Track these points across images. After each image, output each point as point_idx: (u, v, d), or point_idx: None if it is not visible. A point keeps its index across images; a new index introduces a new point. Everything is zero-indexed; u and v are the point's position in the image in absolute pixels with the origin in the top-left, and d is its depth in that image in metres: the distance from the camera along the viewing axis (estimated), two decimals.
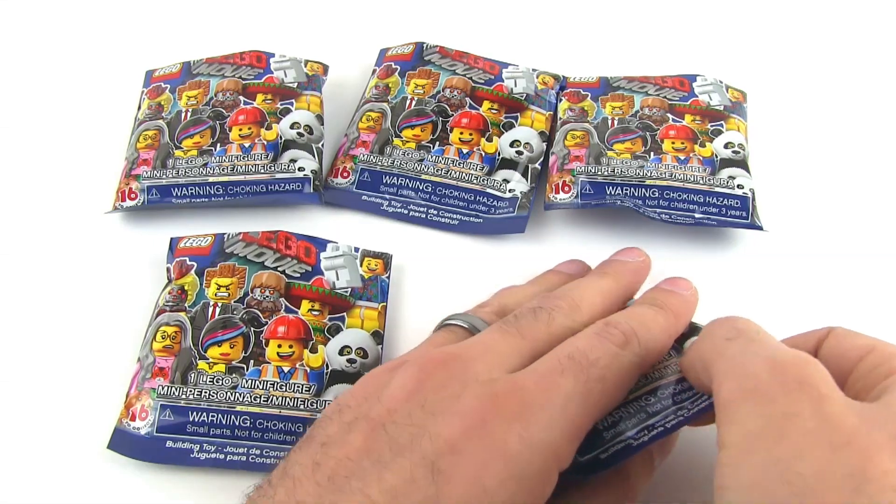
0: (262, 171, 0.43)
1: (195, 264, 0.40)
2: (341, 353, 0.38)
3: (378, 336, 0.39)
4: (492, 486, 0.25)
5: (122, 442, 0.35)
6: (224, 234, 0.41)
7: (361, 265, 0.41)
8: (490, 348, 0.30)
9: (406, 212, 0.44)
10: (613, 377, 0.29)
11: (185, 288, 0.39)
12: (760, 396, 0.24)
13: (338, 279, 0.40)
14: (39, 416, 0.37)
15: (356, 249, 0.41)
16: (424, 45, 0.50)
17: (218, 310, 0.38)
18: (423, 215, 0.44)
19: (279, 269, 0.40)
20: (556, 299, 0.33)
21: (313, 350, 0.38)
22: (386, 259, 0.42)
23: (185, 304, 0.39)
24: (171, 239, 0.41)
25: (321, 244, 0.41)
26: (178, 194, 0.43)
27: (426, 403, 0.27)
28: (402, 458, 0.26)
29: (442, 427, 0.26)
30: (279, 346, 0.37)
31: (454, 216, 0.44)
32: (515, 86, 0.48)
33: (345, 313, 0.39)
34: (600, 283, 0.35)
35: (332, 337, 0.38)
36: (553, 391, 0.27)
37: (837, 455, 0.22)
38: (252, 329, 0.38)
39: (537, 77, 0.49)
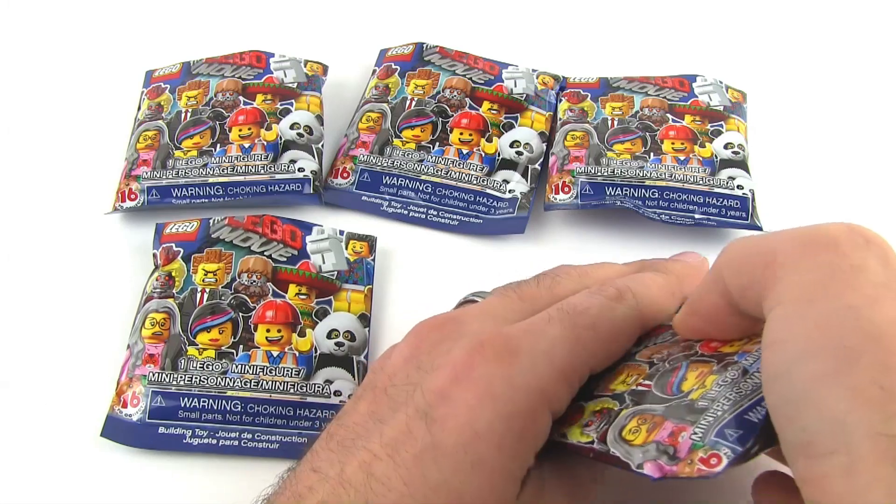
0: (262, 171, 0.44)
1: (182, 250, 0.40)
2: (329, 336, 0.38)
3: (365, 319, 0.39)
4: (482, 428, 0.26)
5: (115, 429, 0.36)
6: (209, 218, 0.41)
7: (346, 248, 0.41)
8: (486, 310, 0.31)
9: (406, 212, 0.44)
10: (605, 326, 0.29)
11: (173, 274, 0.39)
12: (825, 248, 0.22)
13: (324, 262, 0.40)
14: (32, 406, 0.37)
15: (341, 232, 0.42)
16: (424, 46, 0.50)
17: (206, 295, 0.39)
18: (423, 216, 0.44)
19: (266, 253, 0.40)
20: (566, 268, 0.33)
21: (301, 334, 0.38)
22: (371, 241, 0.42)
23: (173, 291, 0.39)
24: (157, 224, 0.41)
25: (306, 227, 0.42)
26: (178, 195, 0.43)
27: (421, 364, 0.28)
28: (399, 413, 0.27)
29: (433, 380, 0.27)
30: (268, 330, 0.38)
31: (454, 217, 0.44)
32: (515, 86, 0.48)
33: (332, 297, 0.40)
34: (622, 268, 0.35)
35: (320, 320, 0.39)
36: (538, 337, 0.28)
37: None
38: (240, 314, 0.38)
39: (537, 77, 0.49)
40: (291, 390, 0.37)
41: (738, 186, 0.43)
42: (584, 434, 0.27)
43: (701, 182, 0.43)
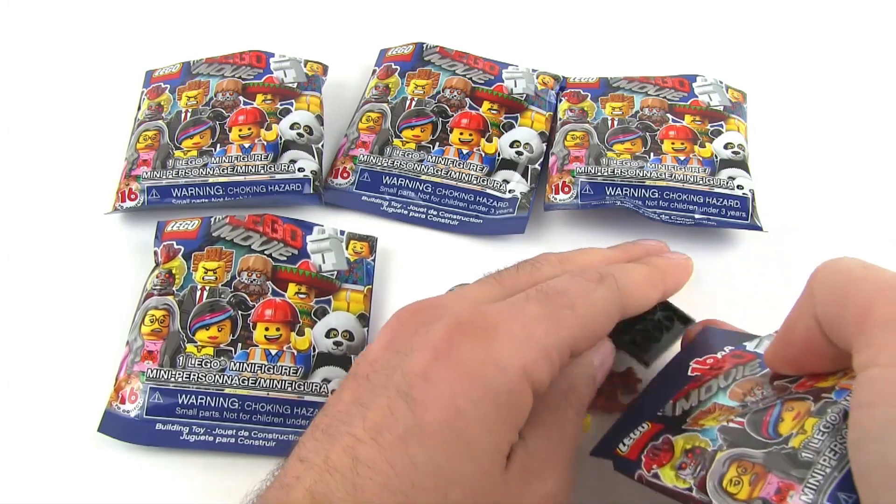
0: (262, 171, 0.44)
1: (182, 248, 0.40)
2: (328, 335, 0.38)
3: (364, 319, 0.39)
4: (466, 406, 0.26)
5: (113, 425, 0.36)
6: (210, 217, 0.41)
7: (347, 248, 0.41)
8: (464, 295, 0.31)
9: (406, 212, 0.44)
10: (584, 306, 0.29)
11: (173, 272, 0.39)
12: None
13: (324, 262, 0.40)
14: (31, 402, 0.37)
15: (342, 232, 0.42)
16: (424, 46, 0.50)
17: (205, 293, 0.39)
18: (423, 216, 0.44)
19: (266, 252, 0.40)
20: (547, 255, 0.34)
21: (300, 333, 0.38)
22: (371, 242, 0.42)
23: (173, 288, 0.39)
24: (158, 222, 0.42)
25: (307, 227, 0.42)
26: (178, 195, 0.43)
27: (401, 348, 0.29)
28: (380, 396, 0.27)
29: (413, 361, 0.27)
30: (266, 329, 0.38)
31: (454, 216, 0.44)
32: (515, 86, 0.48)
33: (331, 296, 0.40)
34: (605, 252, 0.35)
35: (319, 320, 0.39)
36: (517, 315, 0.28)
37: None
38: (239, 312, 0.38)
39: (537, 77, 0.49)
40: (289, 389, 0.37)
41: (738, 186, 0.43)
42: (679, 478, 0.26)
43: (701, 182, 0.43)
